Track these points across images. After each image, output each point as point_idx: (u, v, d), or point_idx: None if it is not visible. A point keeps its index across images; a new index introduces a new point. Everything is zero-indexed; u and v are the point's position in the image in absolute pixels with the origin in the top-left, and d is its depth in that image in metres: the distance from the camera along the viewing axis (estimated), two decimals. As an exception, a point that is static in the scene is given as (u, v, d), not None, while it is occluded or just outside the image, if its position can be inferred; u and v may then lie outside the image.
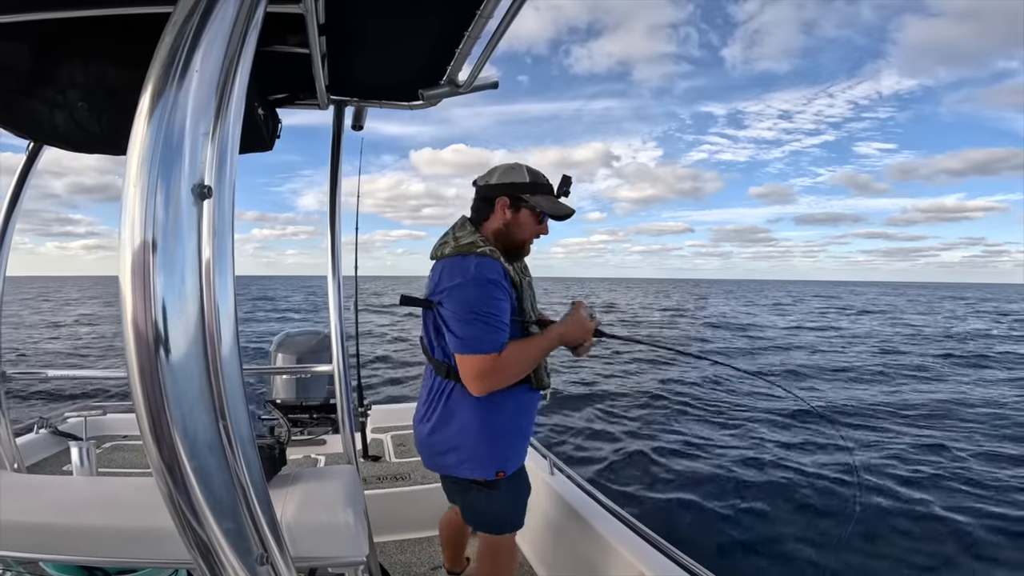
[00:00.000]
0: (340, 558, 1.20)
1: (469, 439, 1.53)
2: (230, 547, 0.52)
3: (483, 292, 1.40)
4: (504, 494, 1.61)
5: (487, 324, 1.39)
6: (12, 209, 1.75)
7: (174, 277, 0.47)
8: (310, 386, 3.34)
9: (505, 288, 1.45)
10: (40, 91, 1.18)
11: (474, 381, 1.41)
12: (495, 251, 1.48)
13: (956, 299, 60.02)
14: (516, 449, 1.62)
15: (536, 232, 1.58)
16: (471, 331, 1.39)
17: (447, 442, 1.57)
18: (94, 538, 1.11)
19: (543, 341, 1.49)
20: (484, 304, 1.39)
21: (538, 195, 1.54)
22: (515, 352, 1.42)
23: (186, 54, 0.48)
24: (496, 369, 1.39)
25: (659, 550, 1.81)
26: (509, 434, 1.58)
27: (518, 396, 1.56)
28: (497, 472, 1.56)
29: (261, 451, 0.60)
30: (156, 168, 0.46)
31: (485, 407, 1.51)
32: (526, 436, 1.66)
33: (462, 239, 1.51)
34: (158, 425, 0.47)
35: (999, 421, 7.58)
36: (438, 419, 1.58)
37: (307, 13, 1.07)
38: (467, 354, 1.40)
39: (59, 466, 2.74)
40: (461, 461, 1.55)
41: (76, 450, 1.76)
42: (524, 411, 1.62)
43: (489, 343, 1.39)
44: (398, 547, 2.45)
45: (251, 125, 1.40)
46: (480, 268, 1.42)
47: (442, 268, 1.49)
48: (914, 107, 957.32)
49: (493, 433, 1.54)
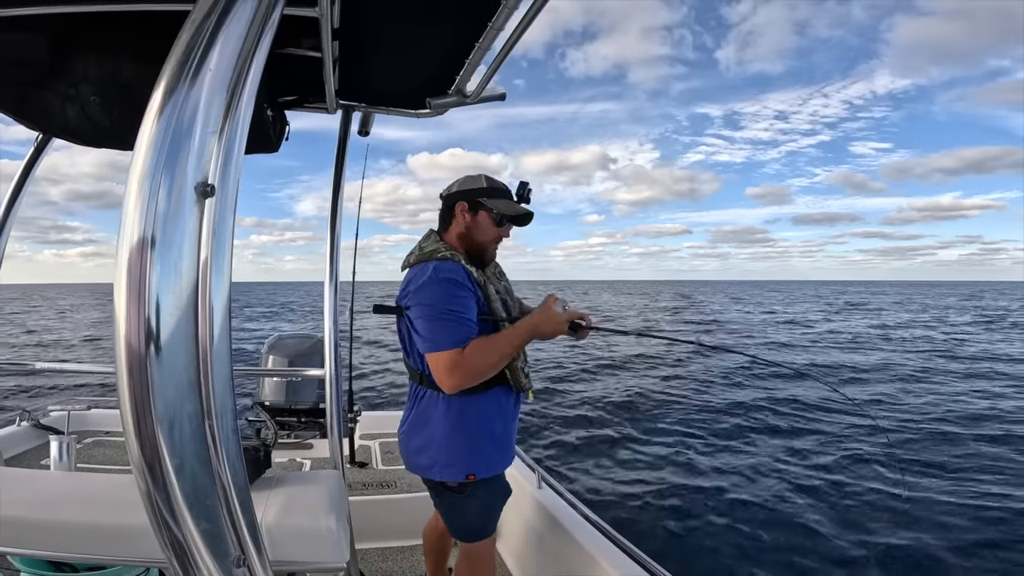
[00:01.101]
0: (320, 563, 1.18)
1: (440, 442, 1.56)
2: (206, 548, 0.51)
3: (442, 290, 1.45)
4: (476, 499, 1.60)
5: (448, 321, 1.43)
6: (15, 197, 1.76)
7: (170, 273, 0.46)
8: (300, 389, 3.32)
9: (467, 287, 1.48)
10: (53, 84, 1.18)
11: (444, 378, 1.44)
12: (456, 255, 1.55)
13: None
14: (490, 453, 1.60)
15: (497, 235, 1.62)
16: (434, 329, 1.44)
17: (420, 445, 1.60)
18: (66, 533, 1.09)
19: (511, 333, 1.49)
20: (445, 302, 1.44)
21: (495, 199, 1.60)
22: (480, 346, 1.44)
23: (201, 52, 0.48)
24: (461, 363, 1.41)
25: (642, 566, 1.80)
26: (481, 438, 1.57)
27: (494, 398, 1.57)
28: (467, 475, 1.56)
29: (246, 453, 0.59)
30: (162, 164, 0.46)
31: (457, 410, 1.54)
32: (504, 440, 1.64)
33: (426, 248, 1.59)
34: (142, 420, 0.46)
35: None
36: (412, 423, 1.63)
37: (322, 17, 1.08)
38: (433, 351, 1.44)
39: (38, 460, 2.70)
40: (433, 463, 1.58)
41: (56, 444, 1.74)
42: (500, 414, 1.61)
43: (451, 339, 1.42)
44: (380, 555, 2.42)
45: (259, 126, 1.41)
46: (438, 270, 1.48)
47: (409, 276, 1.56)
48: (908, 106, 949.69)
49: (464, 436, 1.55)
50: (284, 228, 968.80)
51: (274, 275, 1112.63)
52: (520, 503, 2.42)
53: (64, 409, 2.91)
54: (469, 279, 1.51)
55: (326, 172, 1.80)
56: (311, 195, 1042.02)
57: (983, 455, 6.14)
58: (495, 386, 1.55)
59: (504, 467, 1.67)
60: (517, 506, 2.44)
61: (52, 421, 2.97)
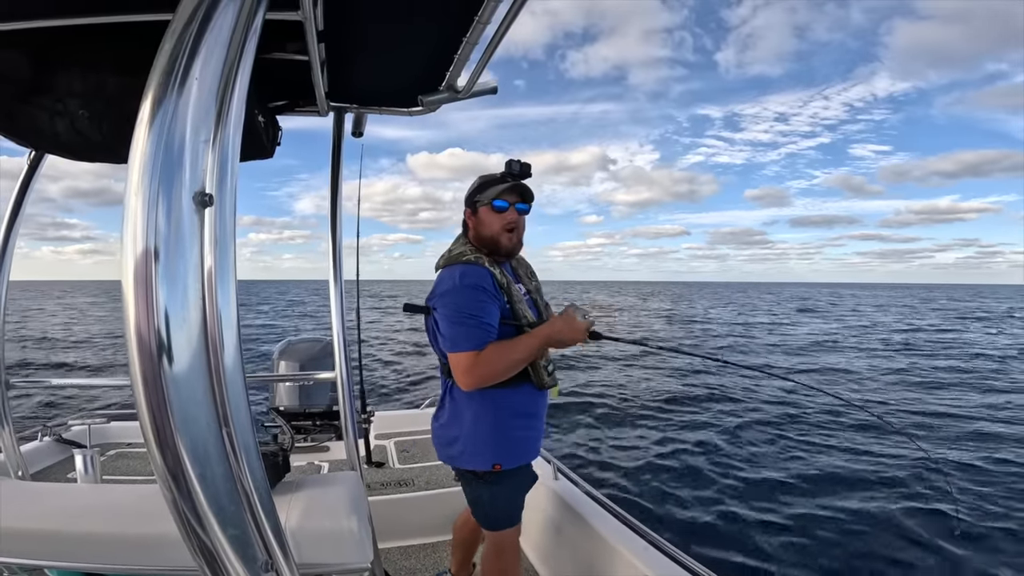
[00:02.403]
0: (345, 565, 1.19)
1: (468, 431, 1.64)
2: (235, 554, 0.52)
3: (467, 296, 1.53)
4: (502, 488, 1.67)
5: (467, 325, 1.52)
6: (15, 216, 1.76)
7: (176, 285, 0.47)
8: (313, 393, 3.34)
9: (490, 292, 1.56)
10: (40, 99, 1.17)
11: (460, 376, 1.54)
12: (480, 258, 1.62)
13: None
14: (516, 445, 1.67)
15: (501, 223, 1.64)
16: (454, 331, 1.53)
17: (451, 434, 1.68)
18: (98, 545, 1.10)
19: (529, 340, 1.56)
20: (467, 306, 1.53)
21: (486, 190, 1.66)
22: (496, 350, 1.52)
23: (186, 62, 0.48)
24: (477, 365, 1.50)
25: (663, 552, 1.81)
26: (508, 429, 1.64)
27: (520, 393, 1.64)
28: (494, 464, 1.63)
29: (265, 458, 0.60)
30: (157, 176, 0.46)
31: (483, 402, 1.61)
32: (531, 433, 1.70)
33: (454, 251, 1.68)
34: (162, 433, 0.47)
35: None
36: (445, 413, 1.70)
37: (306, 20, 1.07)
38: (452, 351, 1.54)
39: (63, 474, 2.74)
40: (462, 452, 1.66)
41: (80, 458, 1.76)
42: (527, 408, 1.67)
43: (468, 341, 1.51)
44: (402, 553, 2.45)
45: (251, 132, 1.40)
46: (464, 275, 1.56)
47: (439, 278, 1.65)
48: (907, 109, 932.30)
49: (490, 427, 1.62)
50: (283, 226, 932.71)
51: (272, 273, 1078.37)
52: (537, 495, 2.42)
53: (84, 423, 2.94)
54: (493, 284, 1.58)
55: (324, 171, 1.81)
56: (310, 193, 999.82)
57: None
58: (522, 383, 1.62)
59: (530, 459, 1.73)
60: (535, 498, 2.44)
61: (74, 435, 3.00)
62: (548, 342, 1.57)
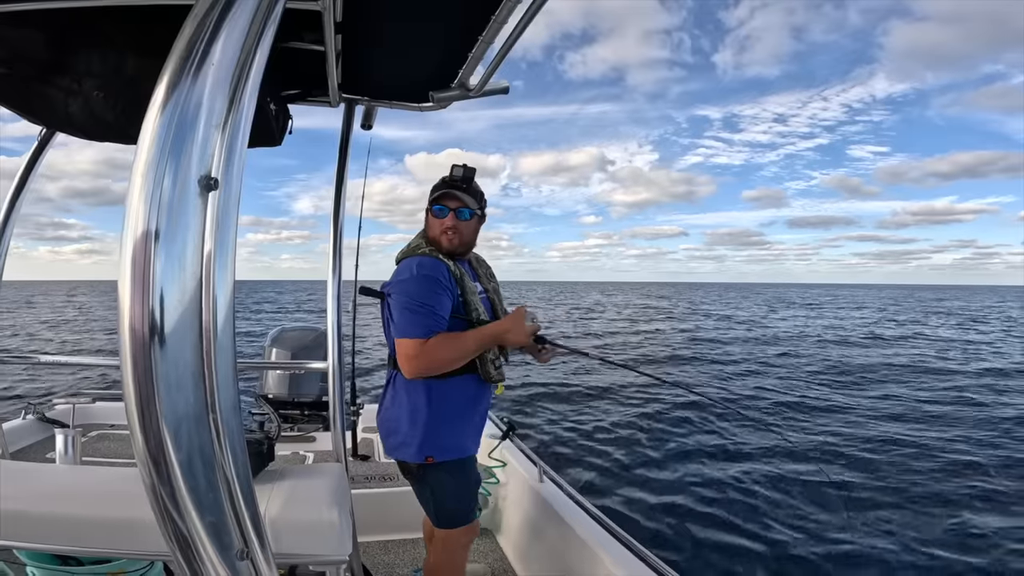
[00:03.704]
0: (322, 556, 1.19)
1: (404, 423, 1.65)
2: (210, 541, 0.51)
3: (421, 285, 1.57)
4: (440, 483, 1.66)
5: (419, 313, 1.55)
6: (20, 190, 1.76)
7: (174, 267, 0.46)
8: (303, 382, 3.33)
9: (444, 284, 1.59)
10: (57, 79, 1.18)
11: (404, 363, 1.56)
12: (435, 251, 1.67)
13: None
14: (453, 437, 1.66)
15: (439, 227, 1.69)
16: (405, 317, 1.56)
17: (390, 425, 1.70)
18: (72, 527, 1.09)
19: (476, 334, 1.59)
20: (420, 295, 1.56)
21: (432, 194, 1.72)
22: (443, 340, 1.55)
23: (204, 46, 0.48)
24: (422, 353, 1.53)
25: (642, 560, 1.81)
26: (445, 421, 1.64)
27: (463, 386, 1.66)
28: (426, 457, 1.62)
29: (249, 446, 0.59)
30: (165, 157, 0.46)
31: (422, 393, 1.62)
32: (466, 427, 1.70)
33: (412, 245, 1.75)
34: (147, 414, 0.46)
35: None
36: (386, 403, 1.73)
37: (325, 11, 1.07)
38: (399, 337, 1.56)
39: (43, 453, 2.72)
40: (399, 444, 1.67)
41: (61, 437, 1.75)
42: (469, 401, 1.69)
43: (417, 328, 1.54)
44: (382, 547, 2.44)
45: (262, 119, 1.41)
46: (421, 266, 1.61)
47: (398, 268, 1.70)
48: (905, 110, 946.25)
49: (427, 418, 1.62)
50: (281, 227, 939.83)
51: (271, 274, 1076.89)
52: (522, 496, 2.43)
53: (69, 402, 2.93)
54: (448, 276, 1.62)
55: (323, 171, 1.82)
56: (308, 194, 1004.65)
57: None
58: (467, 375, 1.64)
59: (465, 453, 1.71)
60: (519, 499, 2.45)
61: (57, 414, 2.99)
62: (494, 339, 1.60)
